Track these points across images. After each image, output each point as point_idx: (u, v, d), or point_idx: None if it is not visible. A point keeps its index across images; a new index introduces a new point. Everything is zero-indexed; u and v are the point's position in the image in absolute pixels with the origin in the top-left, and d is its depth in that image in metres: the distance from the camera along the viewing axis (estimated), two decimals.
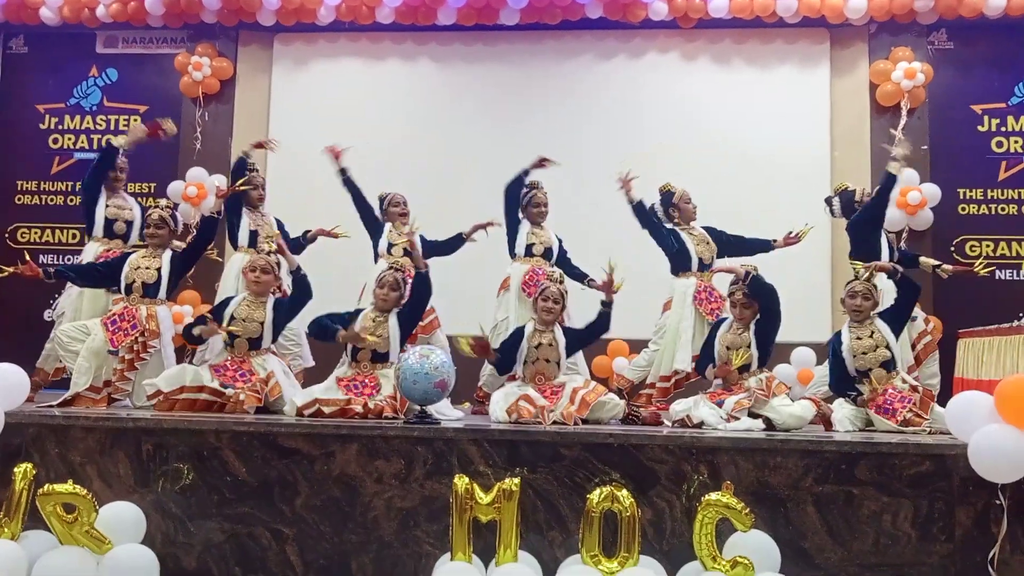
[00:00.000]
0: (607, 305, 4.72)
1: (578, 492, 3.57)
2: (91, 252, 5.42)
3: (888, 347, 4.47)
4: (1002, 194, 7.54)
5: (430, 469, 3.69)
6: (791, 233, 5.69)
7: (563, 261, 5.73)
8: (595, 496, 3.33)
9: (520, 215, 5.82)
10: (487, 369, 5.58)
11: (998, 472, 3.35)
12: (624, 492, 3.33)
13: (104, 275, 5.05)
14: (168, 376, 4.54)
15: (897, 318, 4.63)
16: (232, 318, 4.74)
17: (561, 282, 4.87)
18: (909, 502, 3.51)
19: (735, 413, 4.23)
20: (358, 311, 4.84)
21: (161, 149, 7.29)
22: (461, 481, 3.38)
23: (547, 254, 5.66)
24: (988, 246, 7.44)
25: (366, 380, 4.59)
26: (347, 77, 8.04)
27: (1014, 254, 7.44)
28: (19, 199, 8.18)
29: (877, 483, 3.52)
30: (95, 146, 8.19)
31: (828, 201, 5.95)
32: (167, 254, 5.00)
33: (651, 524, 3.56)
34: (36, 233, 8.14)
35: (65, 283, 5.58)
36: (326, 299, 5.09)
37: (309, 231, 5.90)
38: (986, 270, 5.83)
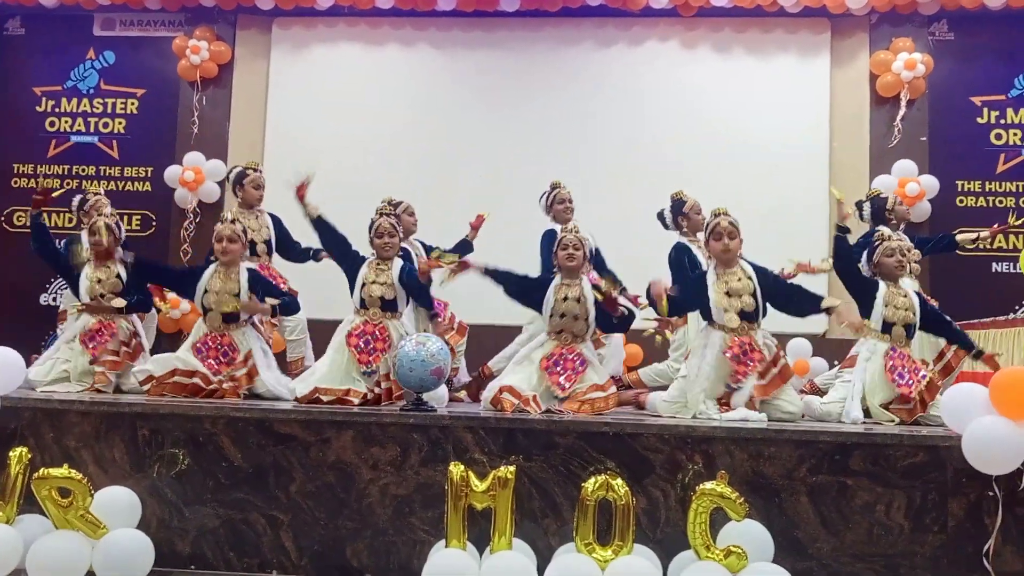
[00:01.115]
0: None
1: (573, 480, 3.58)
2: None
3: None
4: (1000, 186, 7.55)
5: (425, 456, 3.70)
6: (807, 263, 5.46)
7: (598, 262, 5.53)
8: (590, 484, 3.34)
9: (550, 213, 5.74)
10: (507, 352, 5.57)
11: (992, 464, 3.36)
12: (619, 481, 3.33)
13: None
14: (159, 360, 4.56)
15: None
16: (205, 291, 4.72)
17: (577, 231, 4.64)
18: (903, 493, 3.52)
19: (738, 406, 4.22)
20: (362, 258, 4.84)
21: (158, 134, 7.29)
22: (456, 468, 3.38)
23: None
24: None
25: (376, 332, 4.59)
26: (346, 62, 8.02)
27: (1011, 246, 7.45)
28: (15, 182, 8.17)
29: (871, 474, 3.53)
30: (92, 129, 8.18)
31: (859, 205, 5.85)
32: (120, 267, 4.98)
33: (645, 513, 3.57)
34: None
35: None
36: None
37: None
38: (1021, 220, 5.80)
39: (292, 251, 5.77)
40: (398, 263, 4.82)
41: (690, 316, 5.23)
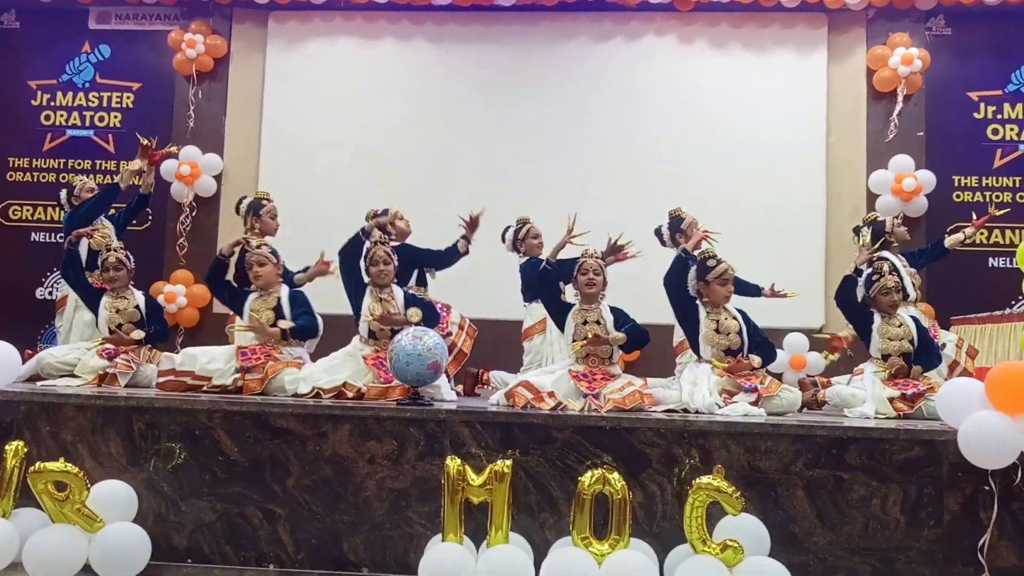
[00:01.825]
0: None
1: (569, 475, 3.58)
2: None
3: None
4: (997, 182, 7.55)
5: (422, 450, 3.70)
6: (780, 290, 5.58)
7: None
8: (586, 479, 3.34)
9: (520, 248, 5.80)
10: (528, 357, 5.59)
11: (988, 458, 3.37)
12: (615, 475, 3.34)
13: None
14: (187, 353, 4.59)
15: None
16: (250, 312, 4.82)
17: (598, 256, 4.73)
18: (898, 487, 3.53)
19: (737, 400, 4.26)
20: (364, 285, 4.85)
21: (153, 128, 7.25)
22: (453, 462, 3.39)
23: None
24: (982, 234, 7.44)
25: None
26: (342, 56, 7.99)
27: (1008, 242, 7.45)
28: (11, 176, 8.13)
29: (867, 468, 3.54)
30: (88, 123, 8.14)
31: (857, 231, 5.89)
32: (138, 294, 5.18)
33: (642, 507, 3.58)
34: (28, 211, 8.10)
35: (55, 265, 5.57)
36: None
37: (306, 269, 5.40)
38: (1001, 212, 5.83)
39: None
40: (399, 291, 4.87)
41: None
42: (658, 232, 5.71)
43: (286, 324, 4.75)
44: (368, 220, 5.62)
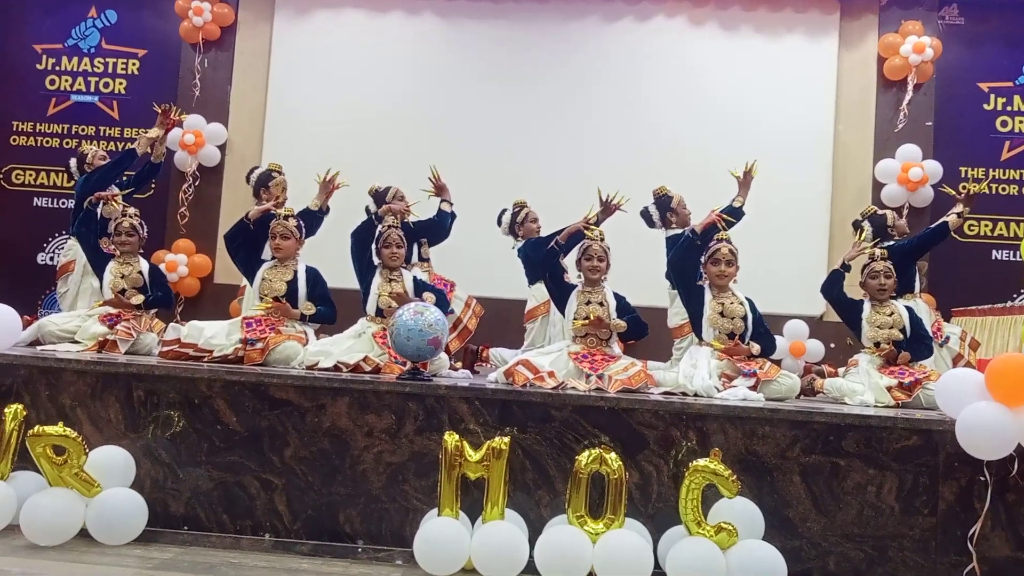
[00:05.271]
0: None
1: (567, 453, 3.59)
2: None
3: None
4: (1004, 174, 7.52)
5: (420, 425, 3.70)
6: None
7: None
8: (583, 458, 3.35)
9: (518, 232, 5.83)
10: (530, 336, 5.60)
11: (984, 449, 3.37)
12: (612, 455, 3.35)
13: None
14: (194, 326, 4.58)
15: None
16: (262, 279, 4.86)
17: (603, 239, 4.70)
18: (894, 475, 3.53)
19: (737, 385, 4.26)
20: (373, 265, 4.90)
21: (159, 95, 7.21)
22: (451, 438, 3.40)
23: None
24: (987, 226, 7.44)
25: None
26: (349, 28, 7.94)
27: (1012, 234, 7.44)
28: (14, 140, 8.11)
29: (864, 455, 3.55)
30: (93, 89, 8.11)
31: (857, 225, 5.81)
32: (142, 263, 5.20)
33: (638, 487, 3.59)
34: (31, 175, 8.08)
35: (57, 231, 5.56)
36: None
37: (321, 208, 5.30)
38: (978, 187, 5.79)
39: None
40: (408, 275, 4.92)
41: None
42: (644, 214, 5.62)
43: (309, 310, 4.82)
44: (370, 194, 5.63)
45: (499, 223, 6.00)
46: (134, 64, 8.12)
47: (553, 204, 6.14)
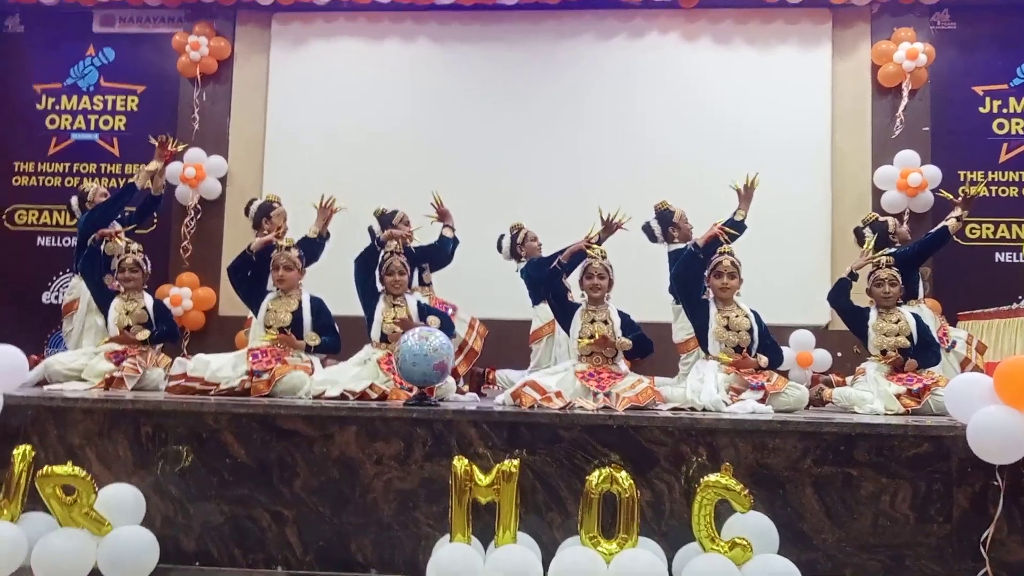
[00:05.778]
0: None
1: (577, 474, 3.57)
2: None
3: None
4: (1003, 176, 7.52)
5: (429, 451, 3.69)
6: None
7: None
8: (594, 478, 3.34)
9: (520, 253, 5.86)
10: (536, 356, 5.60)
11: (996, 453, 3.36)
12: (623, 474, 3.33)
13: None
14: (200, 359, 4.61)
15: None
16: (267, 310, 4.89)
17: (605, 257, 4.72)
18: (907, 483, 3.51)
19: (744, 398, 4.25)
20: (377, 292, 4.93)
21: (159, 130, 7.26)
22: (460, 463, 3.38)
23: None
24: (988, 228, 7.42)
25: None
26: (346, 57, 7.99)
27: (1014, 236, 7.42)
28: (16, 180, 8.15)
29: (875, 464, 3.53)
30: (92, 127, 8.16)
31: (858, 232, 5.83)
32: (147, 299, 5.22)
33: (650, 505, 3.57)
34: (33, 215, 8.11)
35: (61, 269, 5.58)
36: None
37: (320, 235, 5.32)
38: (975, 190, 5.74)
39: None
40: (412, 300, 4.94)
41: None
42: (647, 228, 5.59)
43: (314, 340, 4.84)
44: (376, 216, 5.66)
45: (499, 249, 6.01)
46: (133, 100, 8.17)
47: (551, 221, 6.16)
